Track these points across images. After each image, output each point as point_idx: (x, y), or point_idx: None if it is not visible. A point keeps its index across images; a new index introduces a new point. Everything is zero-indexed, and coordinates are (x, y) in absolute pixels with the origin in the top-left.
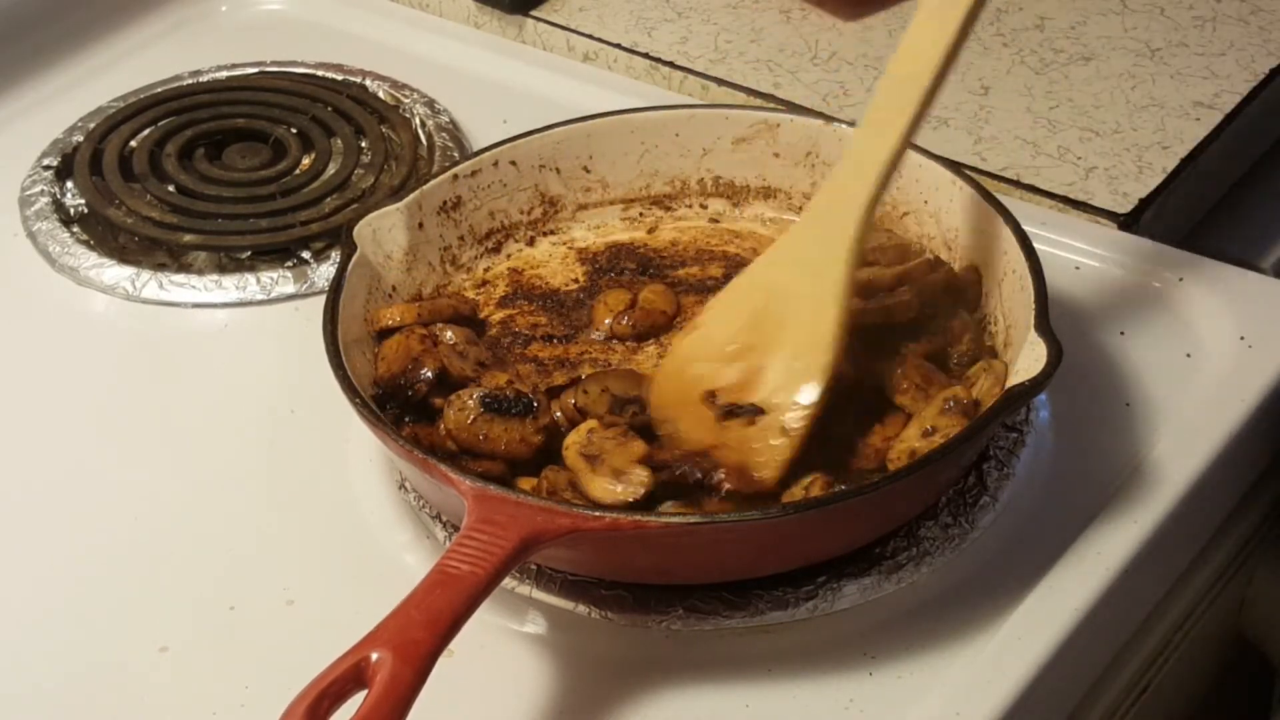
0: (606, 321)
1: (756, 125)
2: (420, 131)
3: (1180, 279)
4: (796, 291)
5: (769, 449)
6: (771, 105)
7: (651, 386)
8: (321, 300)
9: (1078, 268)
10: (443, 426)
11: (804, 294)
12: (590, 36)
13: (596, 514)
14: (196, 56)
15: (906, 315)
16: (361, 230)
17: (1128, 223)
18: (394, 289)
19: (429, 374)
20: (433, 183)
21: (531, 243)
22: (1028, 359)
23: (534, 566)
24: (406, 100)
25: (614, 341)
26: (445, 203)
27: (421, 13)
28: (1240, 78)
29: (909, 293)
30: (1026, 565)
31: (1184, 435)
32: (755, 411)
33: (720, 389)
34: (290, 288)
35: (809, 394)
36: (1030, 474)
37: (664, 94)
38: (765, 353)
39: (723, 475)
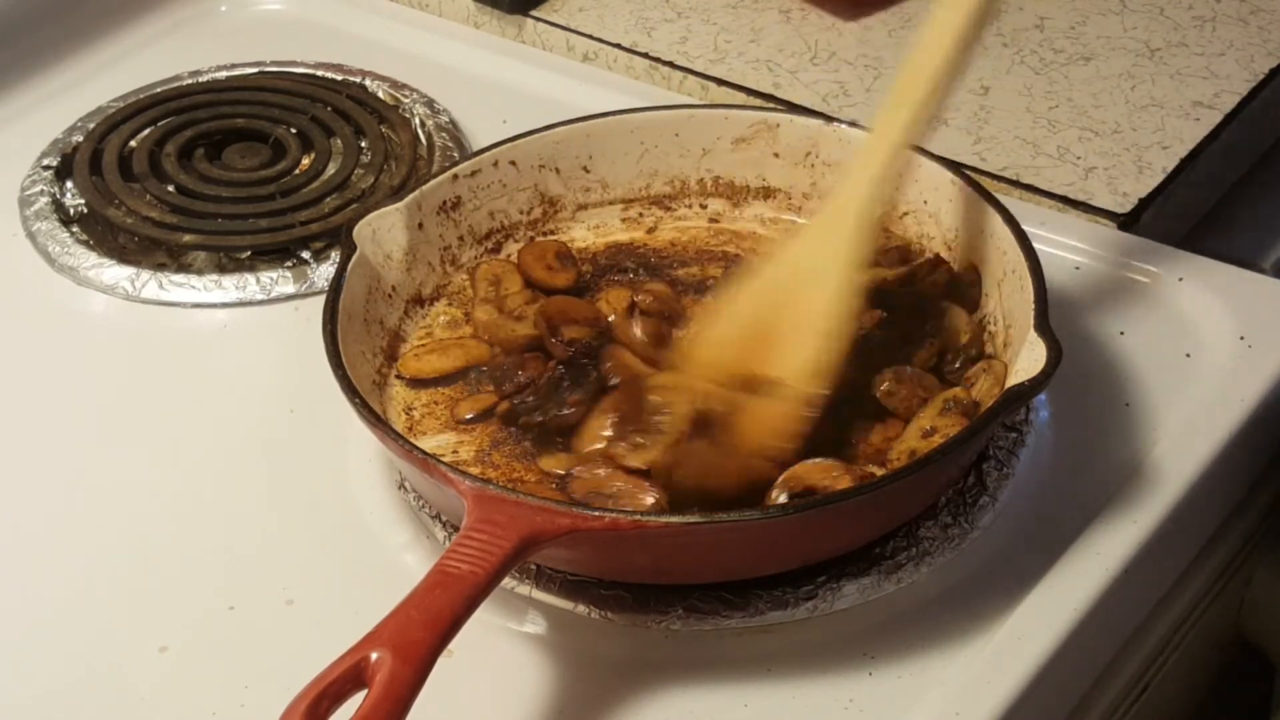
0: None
1: (756, 125)
2: (420, 131)
3: (1180, 279)
4: (804, 290)
5: (777, 418)
6: (771, 105)
7: (656, 384)
8: (321, 300)
9: (1078, 268)
10: None
11: (811, 293)
12: (590, 36)
13: (596, 514)
14: (196, 56)
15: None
16: (361, 230)
17: (1128, 223)
18: (394, 289)
19: None
20: (432, 183)
21: (531, 243)
22: (1027, 359)
23: (534, 566)
24: (406, 100)
25: None
26: (445, 203)
27: (421, 13)
28: (1240, 78)
29: (875, 316)
30: (1026, 565)
31: (1184, 435)
32: (767, 386)
33: (737, 365)
34: (290, 288)
35: (814, 368)
36: (1030, 474)
37: (664, 94)
38: (776, 330)
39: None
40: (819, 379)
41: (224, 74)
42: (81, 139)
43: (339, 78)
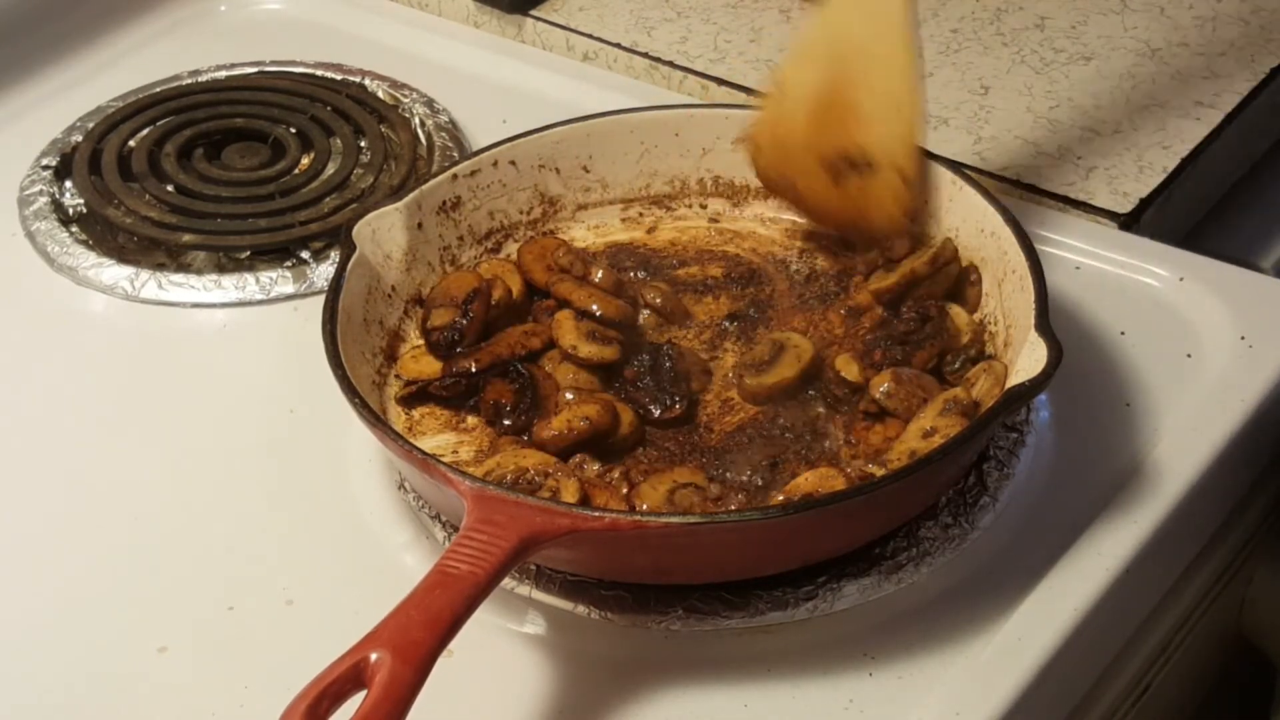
0: None
1: None
2: (419, 131)
3: (1180, 279)
4: (862, 39)
5: (891, 194)
6: None
7: (753, 158)
8: (321, 300)
9: (1078, 268)
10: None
11: (870, 41)
12: (590, 36)
13: (596, 514)
14: (195, 56)
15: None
16: (361, 230)
17: (1128, 223)
18: (394, 289)
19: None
20: (432, 182)
21: (531, 241)
22: (1028, 359)
23: (534, 566)
24: (406, 100)
25: None
26: (445, 203)
27: (421, 12)
28: (1241, 77)
29: (875, 316)
30: (1026, 565)
31: (1184, 435)
32: (865, 166)
33: (824, 142)
34: (289, 288)
35: (910, 137)
36: (1030, 474)
37: (664, 94)
38: (852, 101)
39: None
40: (910, 150)
41: (224, 74)
42: (81, 139)
43: (339, 78)
